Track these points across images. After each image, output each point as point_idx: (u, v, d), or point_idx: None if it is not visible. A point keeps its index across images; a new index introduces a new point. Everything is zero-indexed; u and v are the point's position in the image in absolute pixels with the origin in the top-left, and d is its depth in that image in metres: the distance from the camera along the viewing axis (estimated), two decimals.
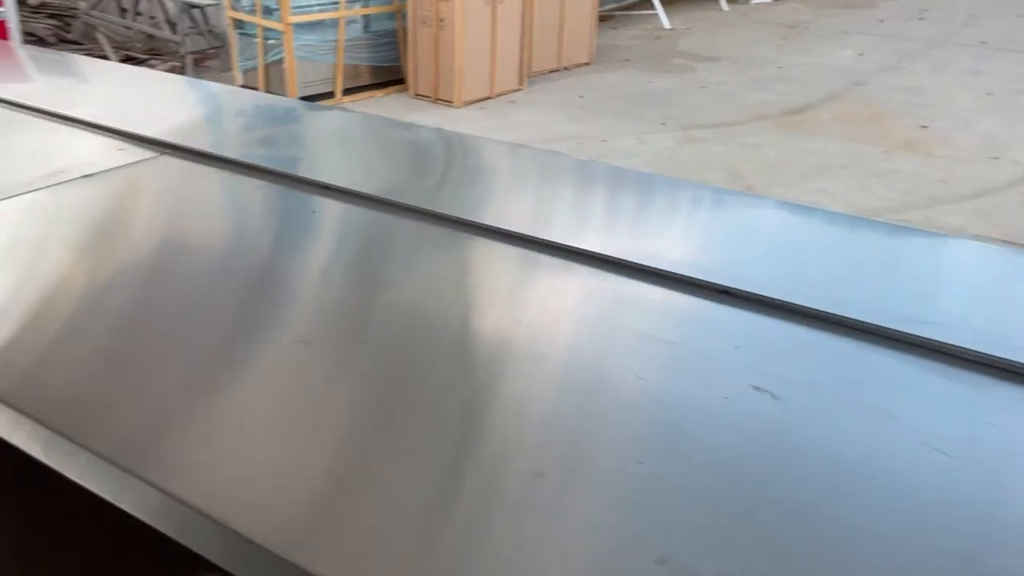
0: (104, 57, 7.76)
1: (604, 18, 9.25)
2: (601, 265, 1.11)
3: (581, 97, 6.95)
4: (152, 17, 8.25)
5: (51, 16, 8.37)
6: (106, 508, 0.74)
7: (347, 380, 0.86)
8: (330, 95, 6.80)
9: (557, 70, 7.73)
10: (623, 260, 1.12)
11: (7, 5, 5.55)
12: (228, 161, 1.42)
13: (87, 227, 1.19)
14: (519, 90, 7.16)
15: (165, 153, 1.45)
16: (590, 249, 1.14)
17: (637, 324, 0.96)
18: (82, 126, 1.57)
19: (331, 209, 1.26)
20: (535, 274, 1.09)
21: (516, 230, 1.19)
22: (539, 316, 0.97)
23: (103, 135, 1.53)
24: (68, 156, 1.42)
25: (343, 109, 6.57)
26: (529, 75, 7.35)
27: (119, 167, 1.38)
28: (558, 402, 0.82)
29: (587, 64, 7.95)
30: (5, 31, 5.56)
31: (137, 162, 1.40)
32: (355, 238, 1.20)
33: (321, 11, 6.57)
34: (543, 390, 0.84)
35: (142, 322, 0.96)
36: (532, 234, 1.18)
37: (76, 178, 1.32)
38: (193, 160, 1.43)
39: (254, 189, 1.33)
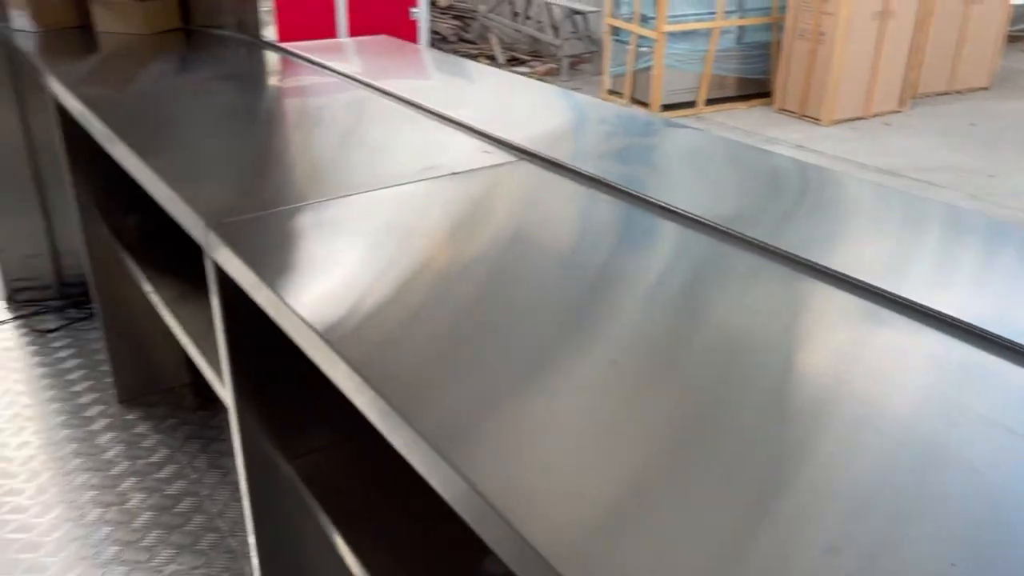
0: (492, 56, 8.52)
1: (1013, 39, 8.18)
2: (953, 331, 1.00)
3: (972, 125, 6.22)
4: (539, 21, 8.88)
5: (455, 17, 9.36)
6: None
7: (648, 408, 0.86)
8: (692, 104, 6.82)
9: (947, 93, 7.00)
10: (980, 329, 0.99)
11: (421, 7, 6.29)
12: (577, 173, 1.49)
13: (447, 221, 1.31)
14: (898, 112, 6.60)
15: (523, 159, 1.56)
16: (943, 311, 1.03)
17: (983, 406, 0.85)
18: (458, 127, 1.75)
19: (667, 232, 1.27)
20: (874, 330, 1.01)
21: (860, 278, 1.11)
22: (867, 378, 0.90)
23: (474, 137, 1.69)
24: (443, 153, 1.59)
25: (700, 123, 6.54)
26: (913, 96, 6.75)
27: (482, 168, 1.51)
28: (870, 476, 0.75)
29: (984, 89, 7.10)
30: (416, 30, 6.30)
31: (498, 165, 1.53)
32: (685, 264, 1.20)
33: (697, 21, 6.60)
34: (856, 460, 0.77)
35: (478, 315, 1.04)
36: (878, 285, 1.09)
37: (445, 175, 1.47)
38: (547, 168, 1.52)
39: (596, 202, 1.38)
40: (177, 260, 2.20)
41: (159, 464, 2.41)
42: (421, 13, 6.35)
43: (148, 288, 2.12)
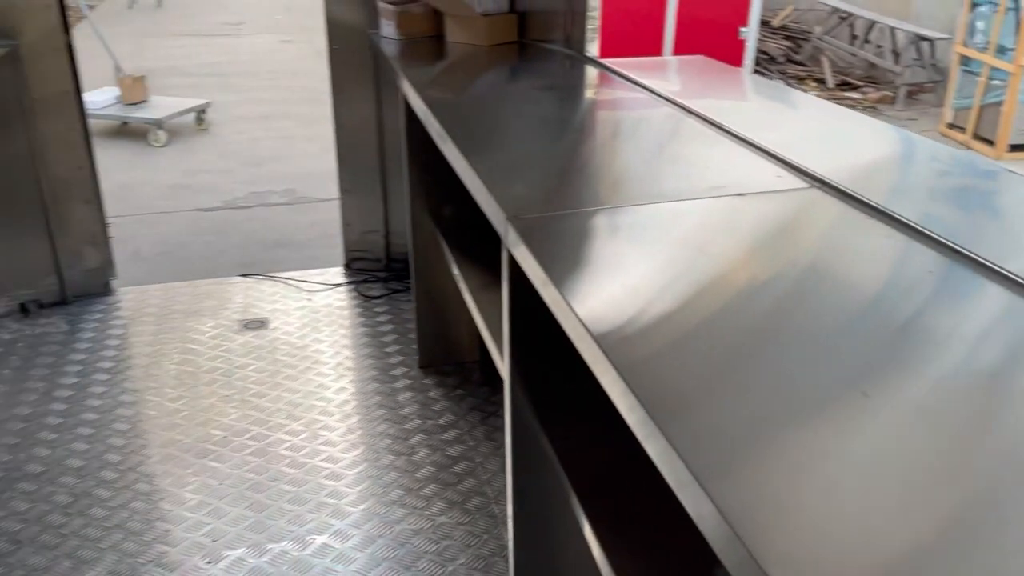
0: (821, 80, 8.17)
1: None
2: None
3: None
4: (879, 46, 8.36)
5: (787, 38, 9.10)
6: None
7: (921, 474, 0.82)
8: None
9: None
10: None
11: (751, 27, 6.21)
12: (879, 211, 1.43)
13: (730, 241, 1.34)
14: None
15: (816, 187, 1.55)
16: None
17: None
18: (755, 150, 1.77)
19: (988, 294, 1.18)
20: None
21: None
22: None
23: (769, 161, 1.70)
24: (732, 174, 1.63)
25: None
26: None
27: (768, 192, 1.53)
28: None
29: None
30: (743, 50, 6.23)
31: (786, 190, 1.54)
32: (1007, 334, 1.09)
33: None
34: None
35: (756, 343, 1.04)
36: None
37: (729, 195, 1.51)
38: (845, 201, 1.48)
39: (900, 246, 1.32)
40: (486, 252, 2.44)
41: (444, 427, 2.70)
42: (750, 32, 6.29)
43: (457, 273, 2.38)
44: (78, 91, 3.26)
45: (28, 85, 3.14)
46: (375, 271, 3.79)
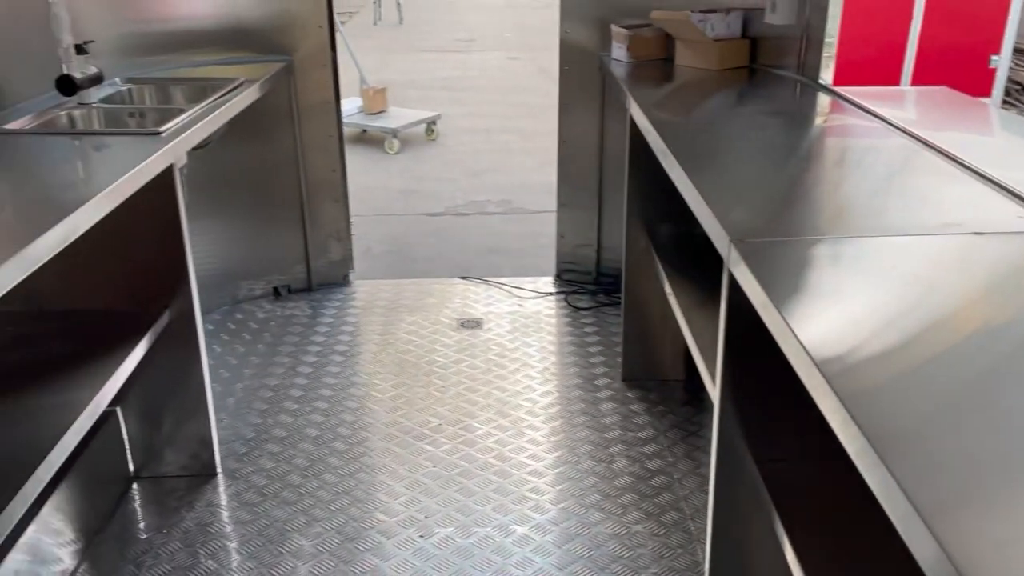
0: None
1: None
2: None
3: None
4: None
5: None
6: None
7: None
8: None
9: None
10: None
11: (1003, 55, 5.77)
12: None
13: (965, 279, 1.32)
14: None
15: None
16: None
17: None
18: (995, 187, 1.71)
19: None
20: None
21: None
22: None
23: (1011, 200, 1.64)
24: (968, 211, 1.59)
25: None
26: None
27: (1008, 232, 1.48)
28: None
29: None
30: (991, 79, 5.80)
31: None
32: None
33: None
34: None
35: (981, 380, 1.02)
36: None
37: (966, 232, 1.48)
38: None
39: None
40: (697, 271, 2.49)
41: (644, 440, 2.76)
42: (1002, 61, 5.82)
43: (669, 290, 2.44)
44: (337, 101, 3.64)
45: (298, 94, 3.56)
46: (584, 283, 3.92)
